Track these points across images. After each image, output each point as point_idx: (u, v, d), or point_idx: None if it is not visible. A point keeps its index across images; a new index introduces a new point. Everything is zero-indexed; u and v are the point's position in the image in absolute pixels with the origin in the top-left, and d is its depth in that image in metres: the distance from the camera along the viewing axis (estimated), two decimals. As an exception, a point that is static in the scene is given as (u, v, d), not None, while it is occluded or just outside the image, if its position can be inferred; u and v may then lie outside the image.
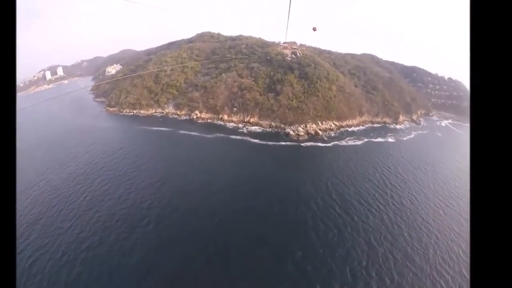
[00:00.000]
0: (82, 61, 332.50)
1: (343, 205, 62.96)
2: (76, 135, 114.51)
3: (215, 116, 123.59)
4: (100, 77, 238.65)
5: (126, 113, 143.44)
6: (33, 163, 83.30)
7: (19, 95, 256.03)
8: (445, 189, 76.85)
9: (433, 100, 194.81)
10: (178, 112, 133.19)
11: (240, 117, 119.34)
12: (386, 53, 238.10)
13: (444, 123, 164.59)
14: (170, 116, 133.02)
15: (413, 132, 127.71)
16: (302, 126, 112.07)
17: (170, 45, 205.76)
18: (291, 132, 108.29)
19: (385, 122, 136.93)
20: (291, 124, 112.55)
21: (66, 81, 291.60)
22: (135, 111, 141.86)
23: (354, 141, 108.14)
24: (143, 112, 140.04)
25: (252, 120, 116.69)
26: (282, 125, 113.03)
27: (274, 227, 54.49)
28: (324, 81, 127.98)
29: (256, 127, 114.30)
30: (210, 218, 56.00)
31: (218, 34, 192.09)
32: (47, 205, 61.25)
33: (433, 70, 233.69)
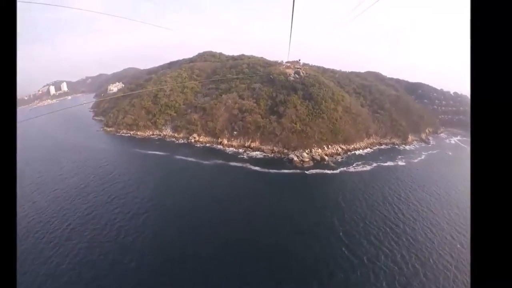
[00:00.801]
0: (87, 78, 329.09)
1: (350, 245, 54.71)
2: (69, 155, 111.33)
3: (214, 140, 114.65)
4: (102, 94, 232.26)
5: (123, 134, 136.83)
6: (22, 182, 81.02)
7: (22, 108, 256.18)
8: (461, 217, 67.11)
9: (440, 117, 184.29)
10: (175, 134, 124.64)
11: (240, 141, 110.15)
12: (389, 70, 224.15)
13: (453, 140, 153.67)
14: (167, 139, 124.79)
15: (423, 153, 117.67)
16: (306, 151, 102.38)
17: (171, 65, 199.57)
18: (295, 158, 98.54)
19: (394, 143, 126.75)
20: (295, 149, 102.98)
21: (69, 97, 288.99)
22: (132, 132, 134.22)
23: (363, 166, 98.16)
24: (140, 133, 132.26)
25: (253, 144, 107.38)
26: (285, 150, 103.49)
27: (266, 272, 47.31)
28: (329, 102, 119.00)
29: (257, 153, 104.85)
30: (196, 265, 48.77)
31: (220, 54, 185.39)
32: (29, 230, 58.78)
33: (438, 85, 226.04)
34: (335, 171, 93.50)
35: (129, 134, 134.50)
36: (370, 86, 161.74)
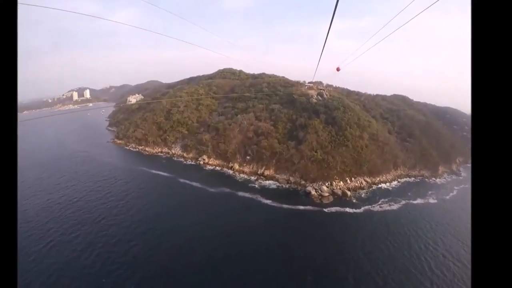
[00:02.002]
0: (111, 87, 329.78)
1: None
2: (72, 165, 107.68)
3: (225, 163, 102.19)
4: (121, 105, 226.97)
5: (132, 148, 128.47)
6: (21, 185, 79.96)
7: (43, 110, 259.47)
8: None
9: (470, 144, 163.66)
10: (185, 154, 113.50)
11: (253, 167, 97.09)
12: (415, 93, 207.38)
13: None
14: (176, 159, 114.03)
15: (455, 188, 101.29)
16: (326, 184, 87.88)
17: (190, 80, 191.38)
18: (313, 192, 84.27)
19: (423, 176, 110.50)
20: (313, 180, 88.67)
21: (91, 104, 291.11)
22: (140, 148, 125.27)
23: (389, 205, 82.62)
24: (148, 149, 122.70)
25: (267, 172, 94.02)
26: (303, 181, 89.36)
27: None
28: (354, 128, 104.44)
29: (271, 182, 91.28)
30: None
31: (240, 72, 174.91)
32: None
33: (466, 110, 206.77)
34: (357, 210, 78.58)
35: (137, 149, 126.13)
36: (398, 111, 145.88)
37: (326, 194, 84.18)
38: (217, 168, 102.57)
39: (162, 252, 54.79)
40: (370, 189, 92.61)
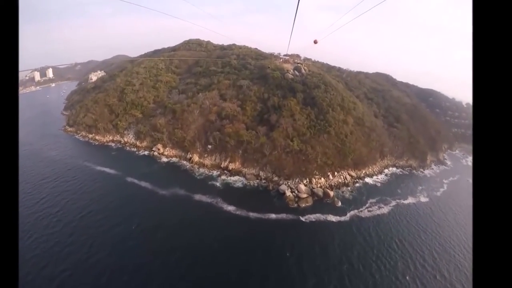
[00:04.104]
0: (76, 64, 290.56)
1: None
2: None
3: (183, 154, 79.64)
4: (83, 84, 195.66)
5: (81, 138, 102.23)
6: None
7: None
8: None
9: (453, 130, 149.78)
10: (138, 143, 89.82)
11: (215, 159, 75.35)
12: (395, 74, 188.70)
13: (470, 160, 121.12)
14: (128, 148, 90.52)
15: (444, 181, 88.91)
16: (305, 181, 68.11)
17: (155, 53, 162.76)
18: (288, 193, 64.45)
19: (410, 166, 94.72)
20: (288, 177, 68.55)
21: (53, 84, 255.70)
22: (90, 136, 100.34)
23: (379, 207, 66.46)
24: (98, 138, 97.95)
25: (232, 166, 72.65)
26: (275, 178, 69.06)
27: None
28: (337, 111, 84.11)
29: (237, 178, 70.42)
30: None
31: (207, 42, 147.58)
32: None
33: (449, 94, 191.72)
34: (342, 218, 60.48)
35: (87, 138, 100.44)
36: (383, 91, 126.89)
37: (304, 196, 64.64)
38: (173, 159, 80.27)
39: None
40: (356, 185, 75.11)
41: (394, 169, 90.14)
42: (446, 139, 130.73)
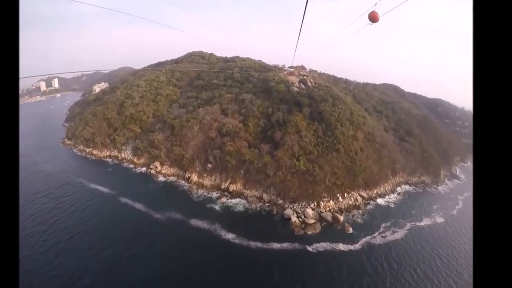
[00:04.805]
0: (82, 75, 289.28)
1: None
2: None
3: (181, 173, 73.71)
4: (86, 95, 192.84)
5: (78, 152, 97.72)
6: None
7: None
8: None
9: (464, 141, 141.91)
10: (135, 159, 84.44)
11: (215, 179, 69.19)
12: (403, 84, 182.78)
13: None
14: (124, 165, 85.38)
15: (459, 197, 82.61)
16: (312, 205, 61.47)
17: (158, 65, 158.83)
18: (293, 218, 57.97)
19: (424, 183, 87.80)
20: (294, 200, 62.01)
21: (58, 95, 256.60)
22: (88, 150, 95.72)
23: (393, 231, 60.21)
24: (96, 153, 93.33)
25: (233, 187, 66.41)
26: (280, 201, 62.55)
27: None
28: (346, 126, 77.83)
29: (238, 201, 64.15)
30: None
31: (210, 55, 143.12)
32: None
33: (456, 103, 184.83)
34: (354, 246, 53.95)
35: (84, 153, 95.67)
36: (393, 103, 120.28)
37: (312, 221, 58.06)
38: (171, 178, 74.41)
39: None
40: (367, 207, 68.46)
41: (407, 186, 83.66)
42: (458, 151, 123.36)
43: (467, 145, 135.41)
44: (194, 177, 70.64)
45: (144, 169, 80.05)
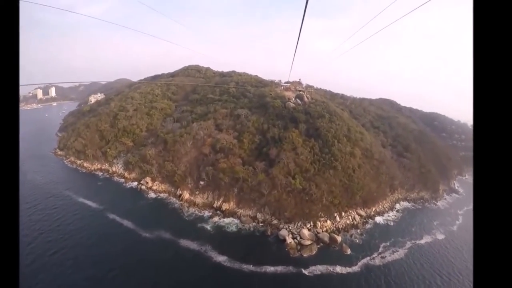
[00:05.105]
0: (80, 85, 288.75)
1: None
2: None
3: (172, 189, 70.84)
4: (82, 105, 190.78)
5: (69, 163, 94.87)
6: None
7: None
8: None
9: (461, 154, 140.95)
10: (126, 174, 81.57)
11: (207, 197, 66.33)
12: (398, 98, 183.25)
13: None
14: (115, 179, 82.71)
15: (458, 212, 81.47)
16: (308, 225, 58.66)
17: (154, 78, 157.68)
18: (289, 240, 55.15)
19: (422, 199, 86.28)
20: (289, 220, 59.25)
21: (55, 103, 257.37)
22: (78, 162, 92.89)
23: (392, 251, 57.71)
24: (86, 165, 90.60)
25: (225, 206, 63.52)
26: (275, 221, 59.72)
27: None
28: (344, 142, 75.74)
29: (231, 220, 61.16)
30: None
31: (207, 69, 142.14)
32: None
33: (454, 116, 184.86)
34: (353, 268, 50.95)
35: (75, 165, 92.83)
36: (389, 118, 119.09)
37: (308, 243, 55.26)
38: (162, 195, 71.45)
39: None
40: (366, 226, 65.66)
41: (406, 203, 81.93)
42: (456, 165, 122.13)
43: (465, 158, 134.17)
44: (186, 195, 67.69)
45: (135, 184, 77.21)
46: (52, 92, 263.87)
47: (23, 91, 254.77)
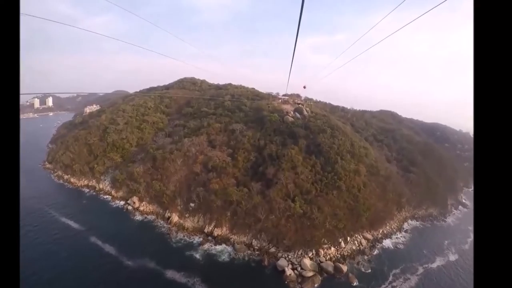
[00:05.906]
0: (78, 95, 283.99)
1: None
2: None
3: (161, 211, 64.21)
4: (77, 116, 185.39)
5: (56, 178, 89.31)
6: None
7: None
8: None
9: (465, 164, 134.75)
10: (113, 192, 75.36)
11: (198, 221, 59.72)
12: (398, 109, 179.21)
13: None
14: (101, 196, 77.24)
15: (469, 228, 75.53)
16: (310, 254, 51.87)
17: (150, 90, 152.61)
18: (288, 270, 48.51)
19: (431, 215, 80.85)
20: (289, 248, 52.56)
21: (51, 113, 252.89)
22: (66, 177, 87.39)
23: (404, 279, 51.61)
24: (73, 181, 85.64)
25: (217, 231, 56.89)
26: (272, 249, 53.03)
27: None
28: (347, 159, 69.45)
29: (223, 248, 54.63)
30: None
31: (202, 81, 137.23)
32: None
33: (455, 126, 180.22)
34: None
35: (61, 180, 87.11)
36: (393, 131, 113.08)
37: (310, 274, 48.68)
38: (149, 217, 65.02)
39: None
40: (373, 251, 58.82)
41: (414, 222, 76.61)
42: (462, 176, 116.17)
43: (469, 169, 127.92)
44: (175, 217, 61.07)
45: (122, 203, 71.04)
46: (49, 102, 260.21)
47: (20, 100, 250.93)
